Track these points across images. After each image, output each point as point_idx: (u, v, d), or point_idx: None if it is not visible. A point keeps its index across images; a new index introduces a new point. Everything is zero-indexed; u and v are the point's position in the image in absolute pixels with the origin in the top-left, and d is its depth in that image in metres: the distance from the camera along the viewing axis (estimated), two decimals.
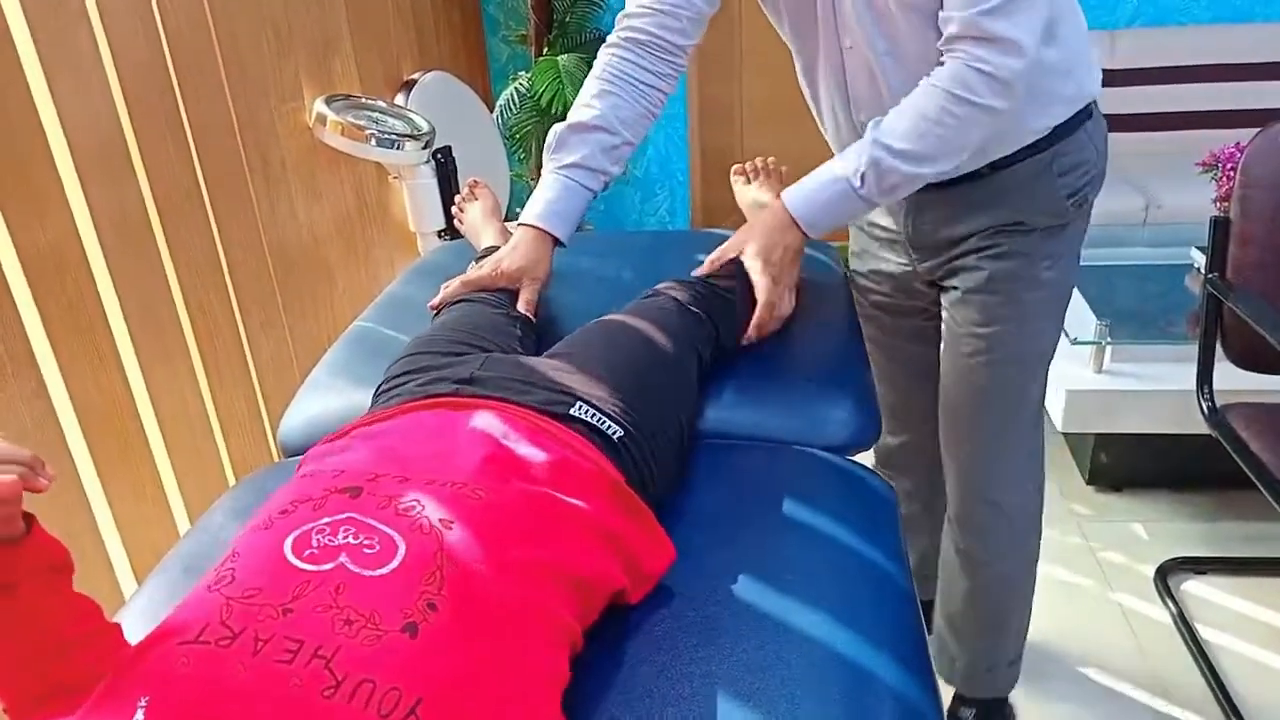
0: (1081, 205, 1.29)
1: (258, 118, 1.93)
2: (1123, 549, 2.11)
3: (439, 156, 2.43)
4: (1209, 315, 1.61)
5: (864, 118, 1.20)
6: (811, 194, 1.19)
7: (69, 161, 1.42)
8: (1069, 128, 1.23)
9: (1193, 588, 1.98)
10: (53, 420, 1.36)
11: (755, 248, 1.22)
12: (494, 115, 3.05)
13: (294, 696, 0.58)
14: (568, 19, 3.14)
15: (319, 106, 2.12)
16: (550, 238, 1.29)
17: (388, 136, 2.21)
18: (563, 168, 1.28)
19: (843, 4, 1.15)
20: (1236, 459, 1.51)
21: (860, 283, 1.50)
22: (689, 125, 3.52)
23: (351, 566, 0.66)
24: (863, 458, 1.13)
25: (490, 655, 0.65)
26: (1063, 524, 2.19)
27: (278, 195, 2.01)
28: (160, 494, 1.61)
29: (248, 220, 1.89)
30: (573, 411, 0.92)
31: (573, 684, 0.73)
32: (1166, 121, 3.18)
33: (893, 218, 1.36)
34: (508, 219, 1.59)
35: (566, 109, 2.77)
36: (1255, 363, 1.59)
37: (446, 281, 1.31)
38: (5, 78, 1.30)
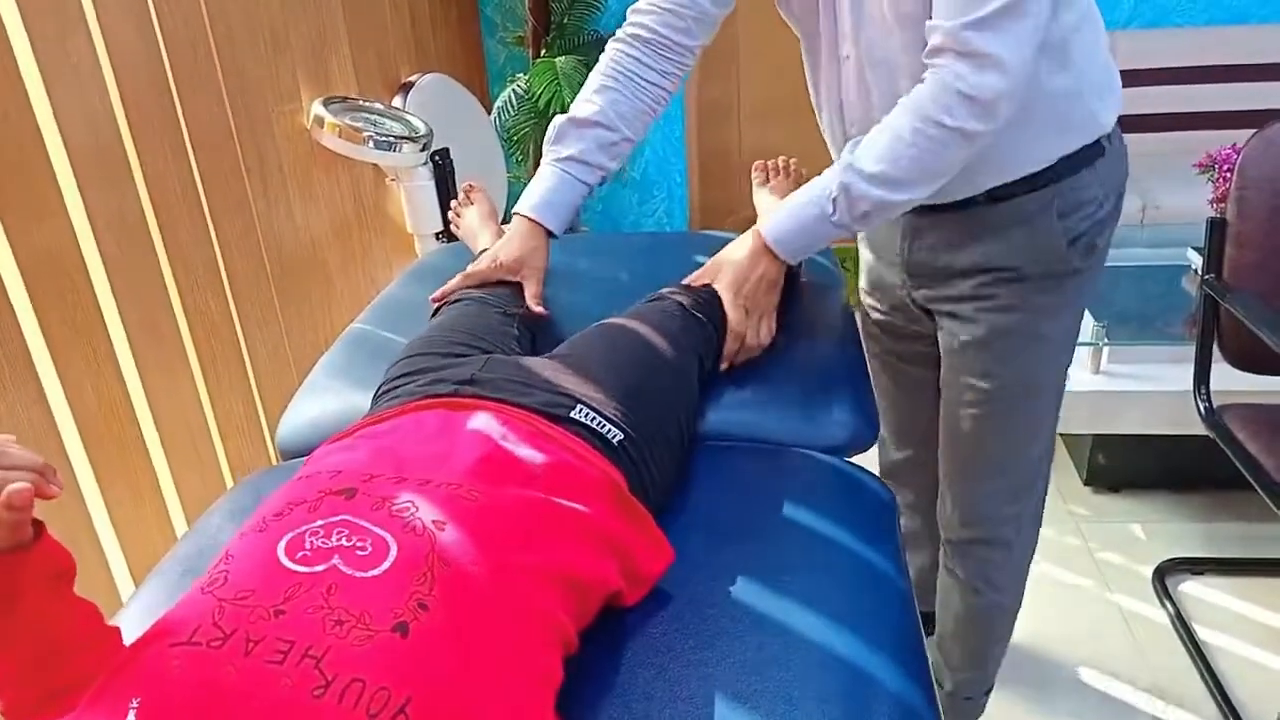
0: (1089, 253, 1.19)
1: (255, 120, 1.93)
2: (1120, 550, 2.11)
3: (436, 158, 2.42)
4: (1206, 316, 1.62)
5: (855, 131, 1.17)
6: (785, 220, 1.15)
7: (67, 165, 1.41)
8: (1076, 161, 1.14)
9: (1190, 588, 1.98)
10: (51, 424, 1.36)
11: (726, 278, 1.18)
12: (491, 117, 3.05)
13: (284, 697, 0.58)
14: (565, 21, 3.14)
15: (316, 108, 2.12)
16: (544, 228, 1.29)
17: (385, 139, 2.20)
18: (559, 160, 1.28)
19: (843, 13, 1.12)
20: (1234, 460, 1.52)
21: (865, 300, 1.46)
22: (686, 126, 3.52)
23: (344, 568, 0.66)
24: (864, 462, 1.13)
25: (482, 655, 0.66)
26: (1060, 525, 2.19)
27: (275, 198, 2.01)
28: (158, 497, 1.60)
29: (245, 223, 1.89)
30: (573, 414, 0.92)
31: (571, 686, 0.73)
32: (1163, 122, 3.18)
33: (892, 240, 1.31)
34: (505, 221, 1.59)
35: (564, 111, 2.79)
36: (1252, 364, 1.59)
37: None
38: (3, 82, 1.30)
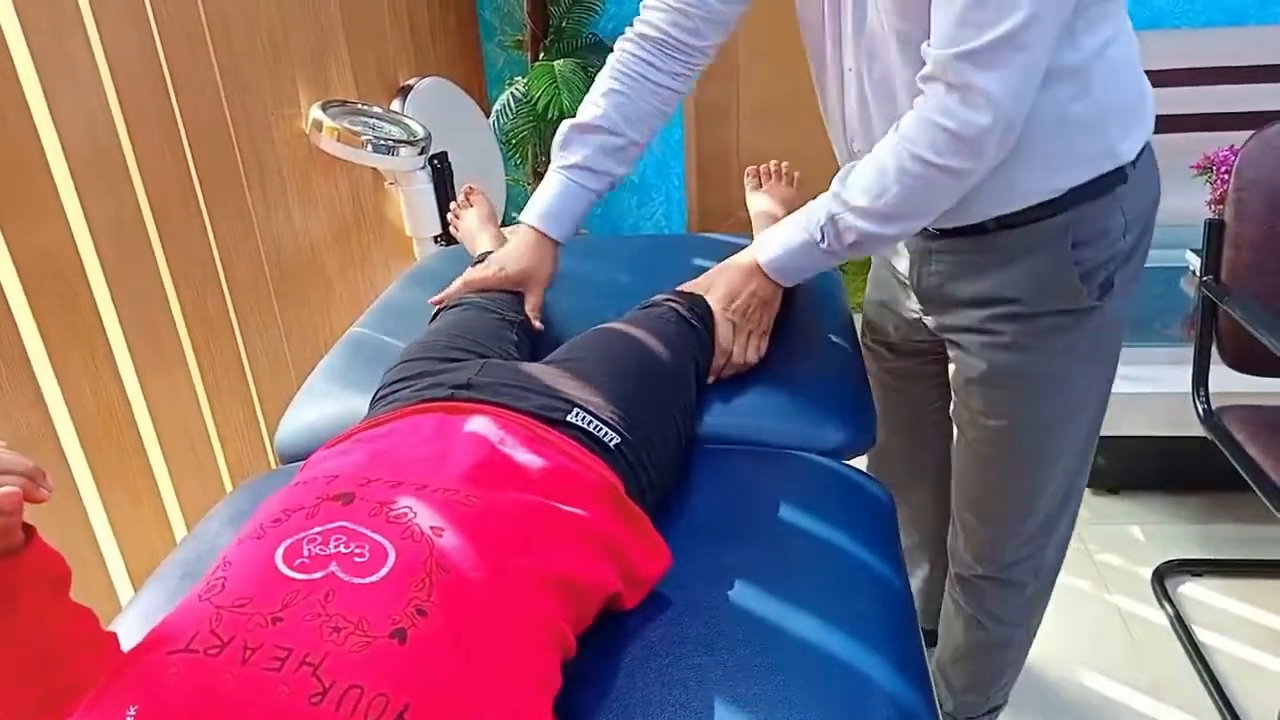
0: (1106, 290, 1.09)
1: (253, 123, 1.93)
2: (1119, 551, 2.11)
3: (435, 162, 2.42)
4: (1204, 318, 1.62)
5: (858, 146, 1.14)
6: (778, 243, 1.13)
7: (65, 169, 1.41)
8: (1093, 189, 1.06)
9: (1190, 590, 1.98)
10: (49, 428, 1.35)
11: (720, 292, 1.17)
12: (490, 120, 3.05)
13: (281, 704, 0.58)
14: (564, 24, 3.14)
15: (315, 112, 2.12)
16: (550, 239, 1.28)
17: (384, 142, 2.20)
18: (565, 168, 1.27)
19: (845, 26, 1.08)
20: (1232, 461, 1.52)
21: (869, 318, 1.43)
22: (685, 128, 3.52)
23: (341, 575, 0.66)
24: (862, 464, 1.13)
25: (480, 660, 0.65)
26: None
27: (274, 201, 2.01)
28: (157, 501, 1.60)
29: (244, 226, 1.89)
30: (570, 418, 0.92)
31: (570, 691, 0.73)
32: (1160, 124, 3.14)
33: (904, 264, 1.26)
34: (504, 223, 1.59)
35: (563, 114, 2.80)
36: (1250, 365, 1.59)
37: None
38: (1, 85, 1.30)
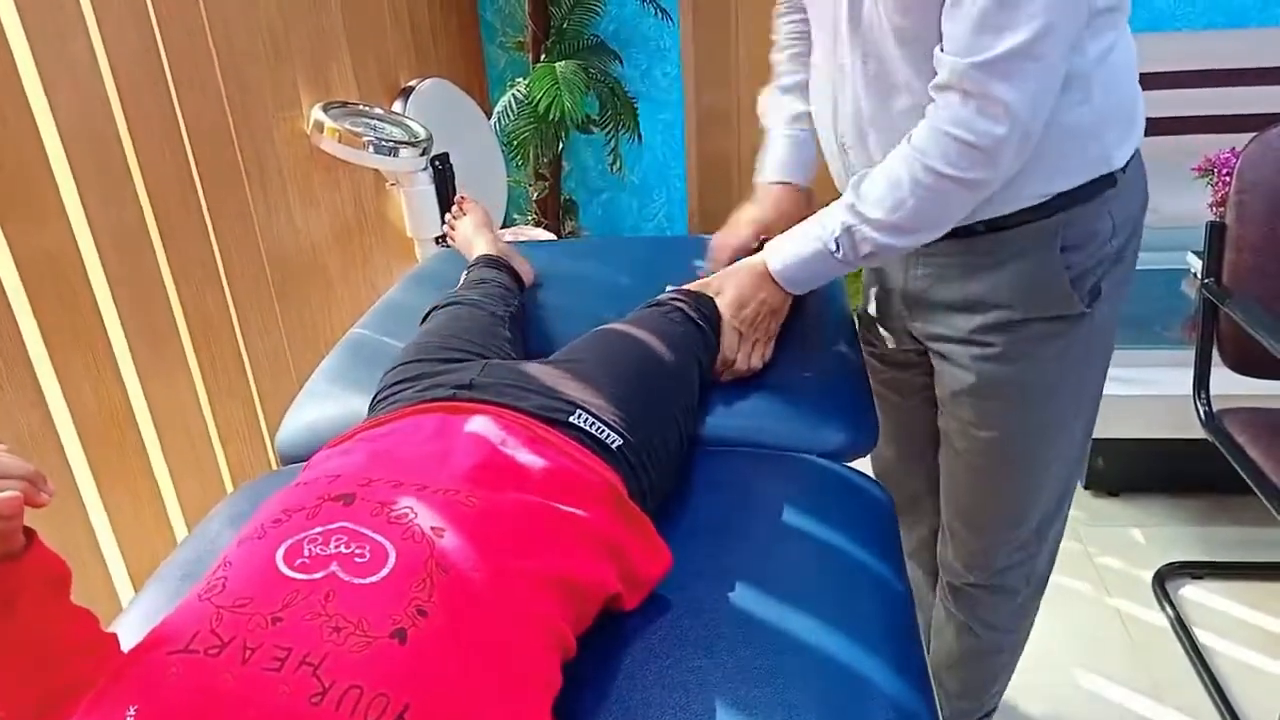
0: (1095, 298, 1.09)
1: (254, 124, 1.93)
2: (1120, 554, 2.11)
3: (437, 163, 2.42)
4: (1205, 320, 1.62)
5: (848, 141, 1.14)
6: (791, 251, 1.12)
7: (66, 169, 1.42)
8: (1084, 194, 1.06)
9: (1190, 592, 1.98)
10: (50, 429, 1.36)
11: (729, 298, 1.16)
12: (492, 122, 3.05)
13: (281, 704, 0.58)
14: (565, 26, 3.14)
15: (316, 113, 2.12)
16: (795, 186, 1.29)
17: (385, 143, 2.21)
18: (786, 125, 1.29)
19: (841, 20, 1.07)
20: (1233, 464, 1.52)
21: (858, 328, 1.41)
22: (686, 130, 3.52)
23: (342, 575, 0.66)
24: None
25: (481, 660, 0.65)
26: None
27: (275, 202, 2.01)
28: (158, 502, 1.60)
29: (245, 227, 1.89)
30: (571, 419, 0.92)
31: (570, 692, 0.73)
32: (1161, 127, 3.17)
33: (891, 266, 1.26)
34: (504, 225, 1.59)
35: (564, 115, 2.80)
36: (1251, 368, 1.59)
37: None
38: (2, 85, 1.30)
